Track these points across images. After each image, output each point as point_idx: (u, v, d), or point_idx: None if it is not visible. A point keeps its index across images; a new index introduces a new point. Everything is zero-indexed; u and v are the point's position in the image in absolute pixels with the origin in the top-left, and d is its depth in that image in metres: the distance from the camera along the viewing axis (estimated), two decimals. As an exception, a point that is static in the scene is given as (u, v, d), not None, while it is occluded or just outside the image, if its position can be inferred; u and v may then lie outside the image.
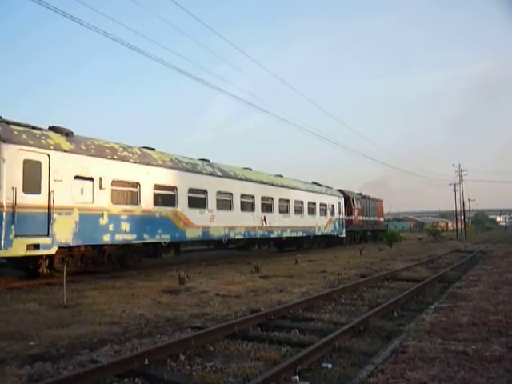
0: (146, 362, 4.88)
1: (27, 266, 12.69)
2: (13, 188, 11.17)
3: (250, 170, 22.79)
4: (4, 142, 11.19)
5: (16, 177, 11.33)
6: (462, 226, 65.90)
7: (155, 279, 13.01)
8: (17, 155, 11.43)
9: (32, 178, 11.76)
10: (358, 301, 9.59)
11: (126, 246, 14.67)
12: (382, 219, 44.74)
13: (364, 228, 37.89)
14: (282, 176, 25.65)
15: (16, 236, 11.08)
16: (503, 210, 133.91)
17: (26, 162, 11.61)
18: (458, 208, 65.06)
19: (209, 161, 18.71)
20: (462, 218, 67.85)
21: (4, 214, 10.92)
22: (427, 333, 5.82)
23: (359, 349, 5.74)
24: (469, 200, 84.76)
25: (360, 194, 38.81)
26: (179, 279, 11.79)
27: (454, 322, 6.47)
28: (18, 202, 11.21)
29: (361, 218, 36.74)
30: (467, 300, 8.50)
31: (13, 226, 11.07)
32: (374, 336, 6.53)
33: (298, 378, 4.62)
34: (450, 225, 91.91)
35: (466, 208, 75.31)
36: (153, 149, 16.51)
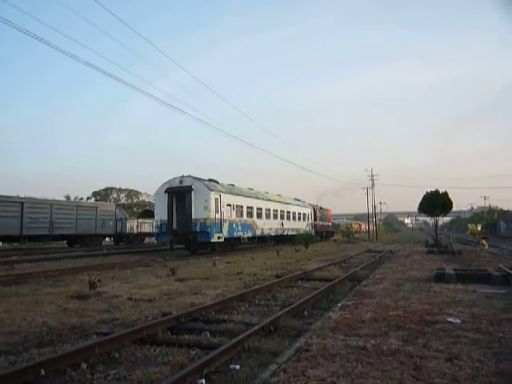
0: (43, 372, 4.58)
1: (202, 248, 25.54)
2: (212, 211, 24.48)
3: (267, 193, 36.87)
4: (211, 190, 24.86)
5: (213, 206, 24.71)
6: (374, 228, 69.72)
7: (63, 284, 12.36)
8: (213, 196, 24.93)
9: (217, 206, 25.11)
10: (271, 301, 9.72)
11: (235, 238, 28.40)
12: (330, 223, 60.01)
13: (322, 230, 52.33)
14: (280, 195, 40.12)
15: (215, 232, 24.57)
16: (410, 213, 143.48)
17: (215, 198, 25.06)
18: (370, 211, 68.85)
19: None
20: (374, 220, 71.77)
21: (212, 223, 24.33)
22: (331, 330, 6.04)
23: (268, 349, 5.80)
24: (380, 203, 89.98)
25: (316, 205, 52.65)
26: (89, 284, 11.27)
27: (358, 319, 6.78)
28: (215, 217, 24.83)
29: (320, 222, 52.07)
30: (371, 297, 8.97)
31: (214, 228, 24.44)
32: (283, 335, 6.63)
33: (203, 381, 4.58)
34: (363, 226, 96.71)
35: (378, 210, 79.84)
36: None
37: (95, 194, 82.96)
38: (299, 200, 46.07)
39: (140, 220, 43.95)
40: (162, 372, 4.86)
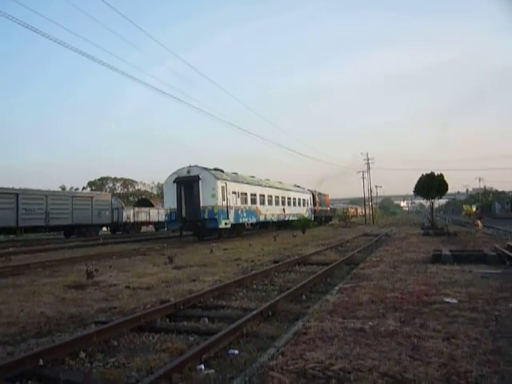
0: (41, 362, 4.57)
1: (209, 234, 27.25)
2: (219, 199, 25.88)
3: (269, 180, 38.58)
4: (217, 179, 26.25)
5: (220, 193, 26.10)
6: (370, 212, 69.89)
7: (61, 275, 12.36)
8: (220, 184, 26.28)
9: (223, 194, 26.49)
10: (269, 286, 9.74)
11: (240, 224, 29.98)
12: (328, 208, 61.49)
13: (321, 215, 54.02)
14: (281, 182, 41.72)
15: (223, 219, 25.96)
16: (406, 196, 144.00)
17: (221, 187, 26.45)
18: (366, 195, 69.02)
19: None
20: (370, 203, 71.92)
21: (219, 210, 25.73)
22: (329, 313, 6.06)
23: (266, 333, 5.80)
24: (376, 187, 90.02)
25: (315, 190, 53.82)
26: (87, 273, 11.27)
27: (355, 301, 6.80)
28: (222, 204, 26.22)
29: (319, 207, 53.33)
30: (369, 280, 9.00)
31: (222, 215, 25.89)
32: (281, 320, 6.62)
33: (203, 366, 4.58)
34: (359, 210, 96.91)
35: (374, 194, 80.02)
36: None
37: (91, 183, 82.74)
38: (299, 186, 47.46)
39: (136, 209, 43.90)
40: (161, 359, 4.87)
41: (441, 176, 32.73)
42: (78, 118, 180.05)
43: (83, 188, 78.66)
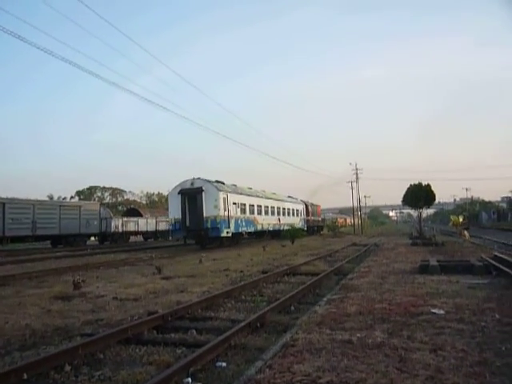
0: (25, 376, 4.50)
1: (211, 243, 28.85)
2: (221, 209, 27.73)
3: (264, 191, 40.34)
4: (219, 191, 28.14)
5: (222, 204, 27.91)
6: (359, 222, 70.23)
7: (47, 285, 12.19)
8: (222, 196, 28.15)
9: (224, 204, 28.25)
10: (257, 297, 9.69)
11: (239, 233, 31.68)
12: (320, 218, 63.34)
13: (313, 224, 56.43)
14: (275, 193, 43.66)
15: (224, 228, 27.87)
16: (394, 206, 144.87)
17: (223, 198, 28.31)
18: (355, 204, 69.41)
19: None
20: (359, 213, 72.31)
21: (221, 219, 27.69)
22: (317, 324, 6.05)
23: (255, 345, 5.77)
24: (365, 197, 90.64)
25: (308, 201, 56.22)
26: (74, 284, 11.14)
27: (343, 313, 6.81)
28: (224, 214, 28.05)
29: (312, 218, 55.46)
30: (357, 290, 9.02)
31: (223, 224, 27.81)
32: (270, 331, 6.60)
33: (190, 379, 4.54)
34: (348, 220, 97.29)
35: (362, 204, 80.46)
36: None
37: (79, 193, 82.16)
38: (292, 197, 49.55)
39: (125, 219, 43.58)
40: (148, 372, 4.81)
41: (428, 186, 33.08)
42: (66, 127, 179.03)
43: (71, 197, 78.13)
